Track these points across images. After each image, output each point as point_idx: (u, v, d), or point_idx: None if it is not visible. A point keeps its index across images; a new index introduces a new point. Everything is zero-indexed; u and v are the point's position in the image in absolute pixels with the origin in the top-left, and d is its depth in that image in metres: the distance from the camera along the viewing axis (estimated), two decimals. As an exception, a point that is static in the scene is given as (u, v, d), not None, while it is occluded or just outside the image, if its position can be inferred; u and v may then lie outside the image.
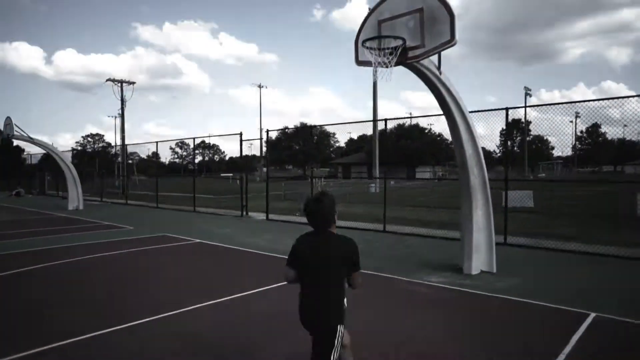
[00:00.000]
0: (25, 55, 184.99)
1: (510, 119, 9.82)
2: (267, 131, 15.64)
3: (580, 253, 8.84)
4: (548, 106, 9.78)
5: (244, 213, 16.65)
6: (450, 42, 5.37)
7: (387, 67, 5.57)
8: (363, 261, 3.08)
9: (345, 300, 3.05)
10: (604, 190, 29.72)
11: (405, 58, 5.64)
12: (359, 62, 6.02)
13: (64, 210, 18.83)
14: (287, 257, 3.06)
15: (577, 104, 10.06)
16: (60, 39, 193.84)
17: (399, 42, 5.47)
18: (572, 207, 15.79)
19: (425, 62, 5.88)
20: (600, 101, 9.25)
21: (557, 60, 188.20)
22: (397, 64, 5.65)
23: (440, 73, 6.13)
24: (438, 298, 6.11)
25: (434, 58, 6.03)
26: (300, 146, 73.80)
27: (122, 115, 39.07)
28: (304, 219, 3.12)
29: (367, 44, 5.60)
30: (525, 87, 54.57)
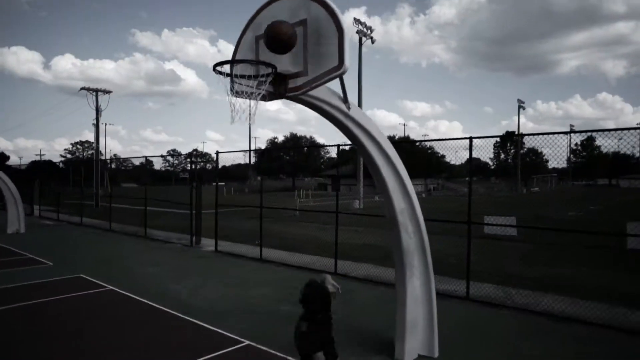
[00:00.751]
0: (23, 59, 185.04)
1: (504, 131, 8.31)
2: (217, 152, 14.05)
3: (556, 318, 7.22)
4: (540, 118, 8.21)
5: (194, 241, 14.97)
6: (339, 69, 3.73)
7: (264, 100, 3.95)
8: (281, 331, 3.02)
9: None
10: (595, 209, 28.21)
11: (284, 89, 4.02)
12: (236, 93, 4.37)
13: (1, 235, 17.11)
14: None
15: (572, 112, 8.51)
16: (59, 44, 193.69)
17: (269, 69, 3.82)
18: (559, 235, 14.07)
19: (321, 93, 4.25)
20: (592, 115, 7.66)
21: (553, 72, 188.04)
22: (273, 97, 4.03)
23: (349, 108, 4.50)
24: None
25: (337, 87, 4.42)
26: (290, 157, 72.20)
27: (96, 126, 37.45)
28: (254, 252, 2.04)
29: (233, 68, 3.95)
30: (518, 100, 53.18)
